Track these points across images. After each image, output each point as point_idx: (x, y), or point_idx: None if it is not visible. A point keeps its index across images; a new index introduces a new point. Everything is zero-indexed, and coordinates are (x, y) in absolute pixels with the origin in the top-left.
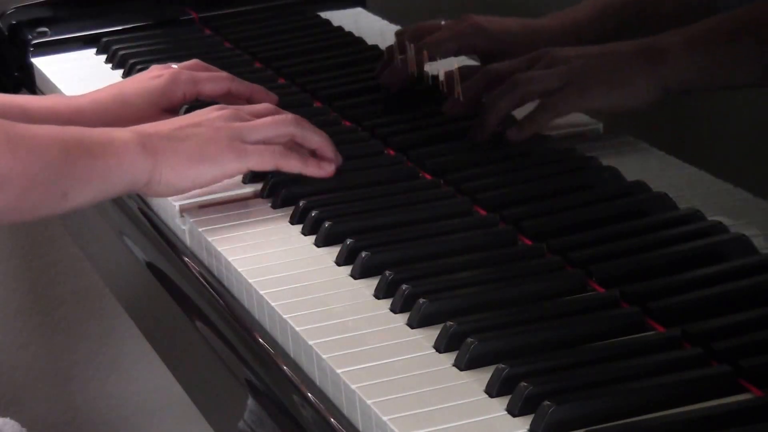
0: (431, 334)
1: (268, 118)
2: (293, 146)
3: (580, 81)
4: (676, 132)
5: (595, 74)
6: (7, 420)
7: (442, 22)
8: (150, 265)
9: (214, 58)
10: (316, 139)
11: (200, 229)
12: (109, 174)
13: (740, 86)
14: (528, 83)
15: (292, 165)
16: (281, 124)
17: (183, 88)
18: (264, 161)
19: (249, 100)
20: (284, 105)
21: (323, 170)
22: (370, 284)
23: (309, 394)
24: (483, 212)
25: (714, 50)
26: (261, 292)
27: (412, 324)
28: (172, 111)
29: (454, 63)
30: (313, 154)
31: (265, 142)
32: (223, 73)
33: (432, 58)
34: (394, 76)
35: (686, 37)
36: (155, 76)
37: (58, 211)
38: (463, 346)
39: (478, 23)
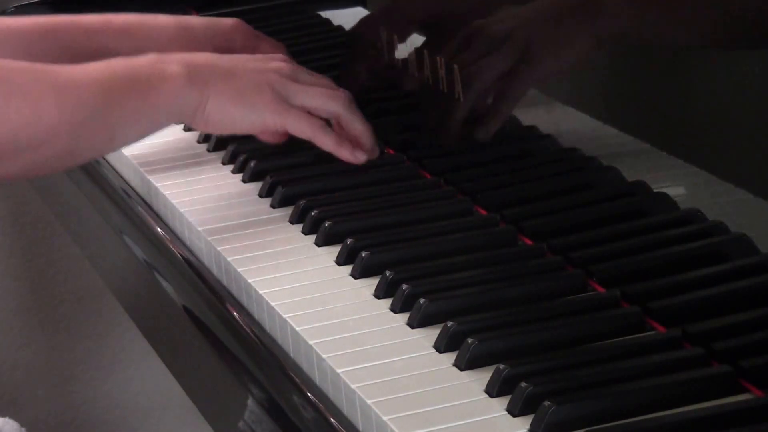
0: (431, 334)
1: (321, 89)
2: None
3: (529, 56)
4: (676, 132)
5: (539, 43)
6: (7, 420)
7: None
8: (150, 265)
9: None
10: (359, 127)
11: (200, 229)
12: (156, 111)
13: (686, 46)
14: (480, 75)
15: (327, 142)
16: (331, 99)
17: (244, 39)
18: (301, 127)
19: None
20: None
21: (354, 157)
22: (370, 284)
23: (309, 394)
24: (483, 212)
25: (655, 3)
26: (261, 292)
27: (412, 324)
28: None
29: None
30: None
31: (311, 110)
32: (282, 46)
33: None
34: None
35: None
36: (218, 21)
37: (107, 152)
38: (464, 346)
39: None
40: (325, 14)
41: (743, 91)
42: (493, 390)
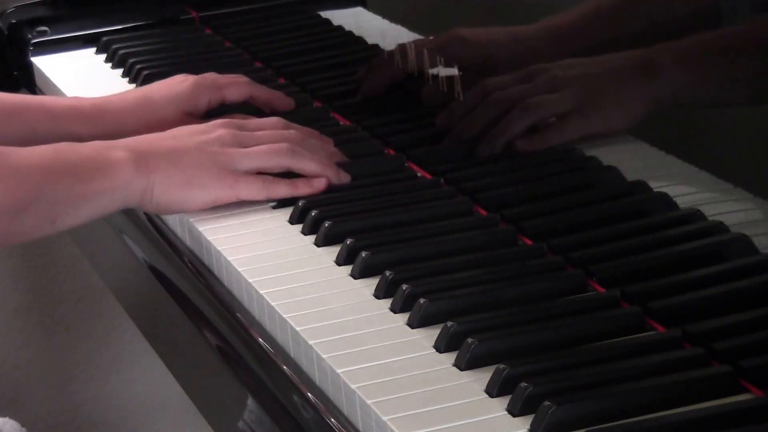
0: (431, 334)
1: (264, 147)
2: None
3: (587, 106)
4: (676, 132)
5: (599, 99)
6: (7, 420)
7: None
8: (150, 265)
9: (214, 57)
10: (311, 167)
11: (200, 229)
12: (100, 196)
13: (729, 105)
14: (538, 108)
15: (282, 192)
16: (274, 154)
17: (208, 94)
18: (253, 192)
19: (268, 104)
20: None
21: (312, 187)
22: (370, 284)
23: (309, 394)
24: (483, 212)
25: (707, 67)
26: (261, 292)
27: (412, 324)
28: (196, 115)
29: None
30: None
31: (259, 171)
32: (243, 78)
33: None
34: (383, 77)
35: (680, 53)
36: (181, 80)
37: (48, 234)
38: (464, 346)
39: (461, 35)
40: (325, 14)
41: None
42: (493, 390)
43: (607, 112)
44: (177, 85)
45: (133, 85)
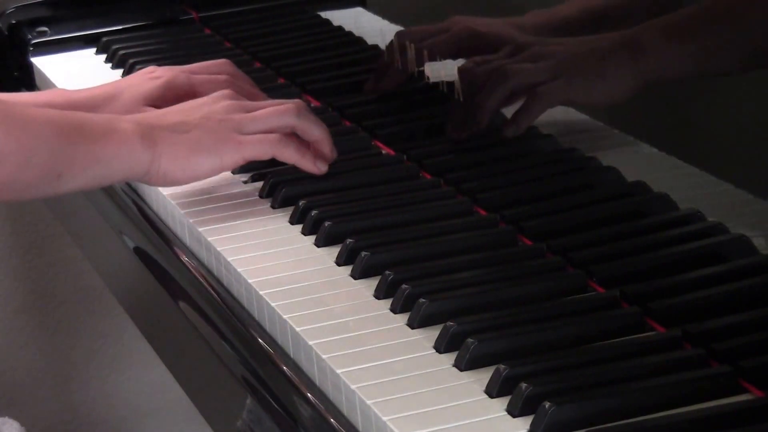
0: (431, 334)
1: (269, 109)
2: (292, 136)
3: (568, 74)
4: (676, 132)
5: (581, 68)
6: (7, 419)
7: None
8: (149, 266)
9: (213, 57)
10: (316, 132)
11: (200, 229)
12: (106, 160)
13: (718, 74)
14: (517, 75)
15: (288, 155)
16: (282, 114)
17: (179, 92)
18: (261, 151)
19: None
20: None
21: (317, 168)
22: (370, 284)
23: (308, 395)
24: (483, 212)
25: (692, 39)
26: (261, 293)
27: (412, 324)
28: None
29: (453, 66)
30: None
31: (265, 132)
32: (222, 76)
33: (432, 58)
34: (390, 78)
35: (664, 27)
36: (154, 77)
37: (52, 193)
38: (463, 347)
39: (467, 26)
40: (325, 14)
41: (743, 91)
42: (493, 390)
43: (589, 83)
44: (147, 80)
45: None
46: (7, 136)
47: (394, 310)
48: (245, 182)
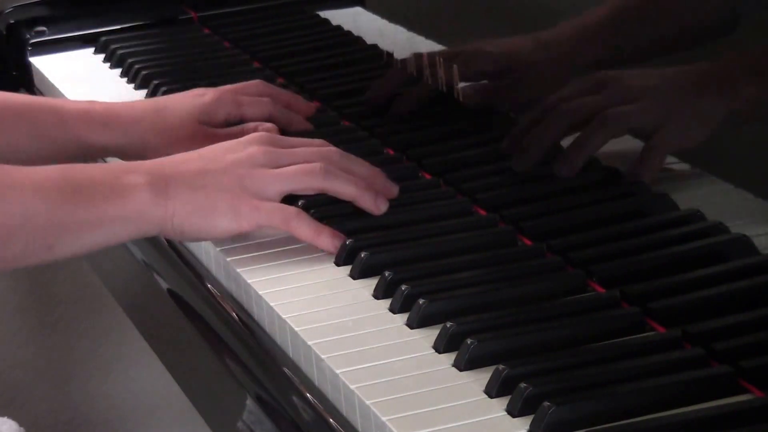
0: (431, 334)
1: (295, 168)
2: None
3: (667, 118)
4: None
5: (679, 110)
6: (6, 419)
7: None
8: (148, 266)
9: (212, 57)
10: (347, 190)
11: None
12: (107, 223)
13: None
14: (618, 120)
15: (303, 233)
16: (307, 176)
17: (226, 110)
18: (274, 221)
19: (288, 124)
20: None
21: (332, 246)
22: (370, 284)
23: (308, 395)
24: (483, 212)
25: None
26: (260, 293)
27: (411, 324)
28: (211, 126)
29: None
30: None
31: (289, 194)
32: (265, 99)
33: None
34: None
35: (755, 65)
36: (200, 94)
37: (48, 261)
38: (463, 347)
39: (481, 49)
40: (324, 14)
41: None
42: (493, 390)
43: (685, 126)
44: (196, 97)
45: (132, 85)
46: None
47: (394, 310)
48: None
